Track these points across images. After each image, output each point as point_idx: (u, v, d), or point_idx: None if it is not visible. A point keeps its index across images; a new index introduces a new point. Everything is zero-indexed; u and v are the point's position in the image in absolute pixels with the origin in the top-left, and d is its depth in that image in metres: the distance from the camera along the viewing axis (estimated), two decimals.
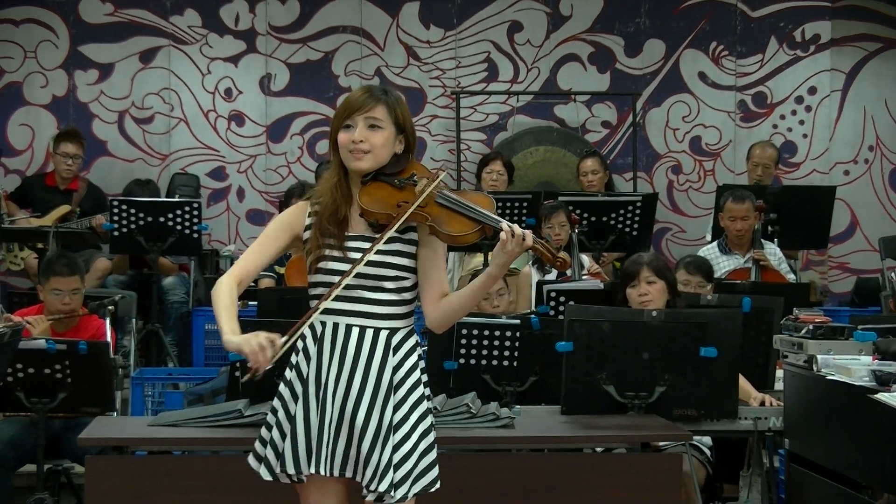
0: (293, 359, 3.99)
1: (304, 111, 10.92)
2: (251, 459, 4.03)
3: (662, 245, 10.97)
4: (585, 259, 8.47)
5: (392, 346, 3.93)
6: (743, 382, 5.85)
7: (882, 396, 4.62)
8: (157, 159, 10.79)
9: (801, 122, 11.18)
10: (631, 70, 11.09)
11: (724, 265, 8.50)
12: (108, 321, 7.12)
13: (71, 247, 9.13)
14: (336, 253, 3.93)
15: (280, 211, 8.88)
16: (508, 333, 6.01)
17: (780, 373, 6.01)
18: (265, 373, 3.78)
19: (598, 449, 5.56)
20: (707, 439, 6.35)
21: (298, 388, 3.95)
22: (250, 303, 8.32)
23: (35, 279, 7.77)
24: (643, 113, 11.06)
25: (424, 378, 3.99)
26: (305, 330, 3.94)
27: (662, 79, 11.10)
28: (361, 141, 3.90)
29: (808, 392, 5.38)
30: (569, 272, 8.01)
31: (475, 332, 5.97)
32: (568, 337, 5.60)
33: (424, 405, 3.95)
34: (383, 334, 3.93)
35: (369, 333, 3.92)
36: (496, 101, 11.00)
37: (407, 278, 3.96)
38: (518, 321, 6.08)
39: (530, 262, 8.22)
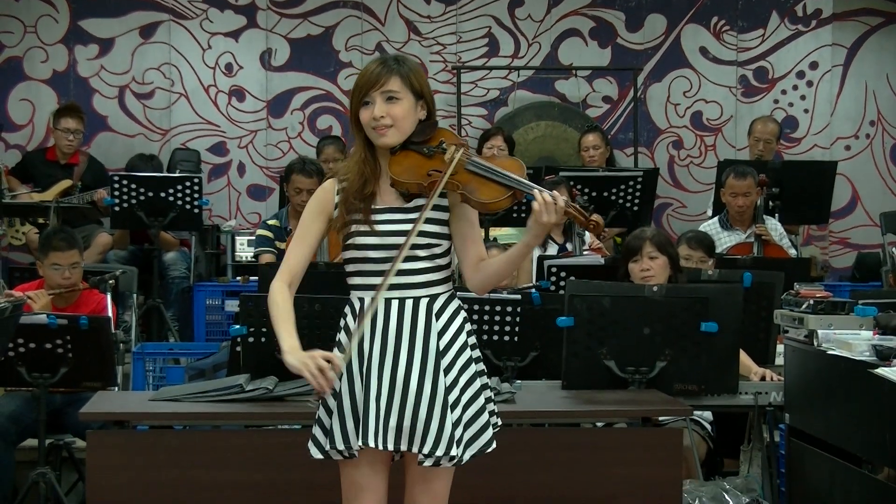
0: (337, 337, 4.00)
1: (304, 86, 10.91)
2: (309, 445, 4.00)
3: (663, 220, 10.97)
4: (586, 234, 8.46)
5: (434, 312, 3.93)
6: (743, 357, 5.86)
7: (882, 371, 4.62)
8: (157, 134, 10.79)
9: (803, 98, 11.16)
10: (632, 45, 11.07)
11: (725, 240, 8.50)
12: (109, 296, 7.12)
13: (72, 221, 9.12)
14: (363, 227, 3.92)
15: (281, 186, 8.91)
16: (509, 308, 6.01)
17: (780, 348, 6.02)
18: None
19: (599, 424, 5.57)
20: (707, 414, 6.36)
21: (342, 365, 3.94)
22: (251, 278, 8.33)
23: (36, 254, 7.76)
24: (644, 88, 11.04)
25: (472, 340, 4.00)
26: (346, 308, 3.97)
27: (663, 54, 11.08)
28: (382, 116, 3.89)
29: (808, 367, 5.38)
30: (569, 247, 8.01)
31: (476, 307, 5.96)
32: (569, 312, 5.61)
33: (473, 367, 3.96)
34: (423, 302, 3.93)
35: (409, 303, 3.91)
36: (497, 77, 10.99)
37: (439, 245, 3.96)
38: (519, 296, 6.07)
39: None
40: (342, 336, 3.98)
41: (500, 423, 4.06)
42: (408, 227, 3.90)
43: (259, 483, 4.93)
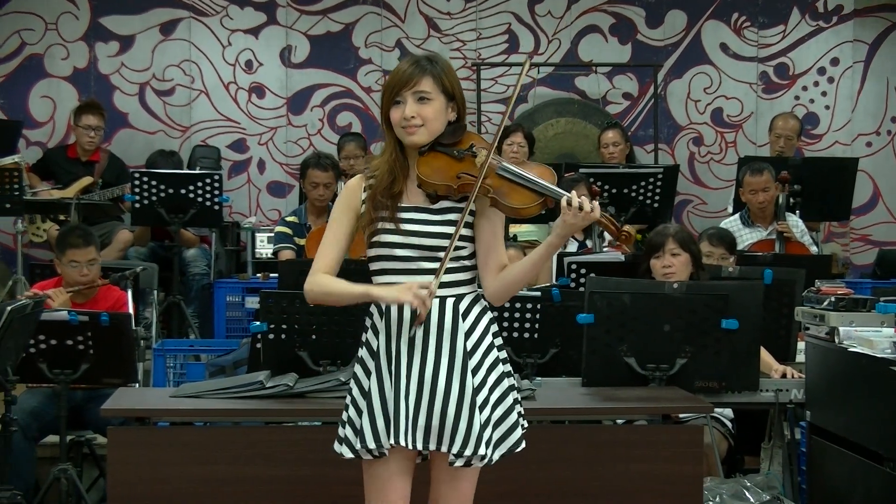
0: (363, 336, 4.00)
1: (324, 83, 10.91)
2: (335, 445, 4.01)
3: (683, 217, 10.94)
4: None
5: (461, 313, 3.93)
6: (764, 354, 5.84)
7: None
8: (177, 131, 10.80)
9: (824, 94, 11.13)
10: (652, 41, 11.05)
11: (746, 238, 8.48)
12: (129, 293, 7.14)
13: (93, 218, 9.15)
14: (389, 225, 3.92)
15: (300, 183, 8.92)
16: (529, 305, 6.01)
17: (801, 345, 6.00)
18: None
19: (619, 421, 5.56)
20: (728, 411, 6.35)
21: (371, 364, 3.95)
22: (271, 275, 8.34)
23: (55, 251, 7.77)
24: (664, 84, 11.02)
25: (498, 341, 3.99)
26: (372, 307, 3.97)
27: (684, 50, 11.05)
28: (413, 116, 3.89)
29: (829, 364, 5.37)
30: (589, 244, 7.99)
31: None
32: (589, 309, 5.60)
33: (501, 367, 3.96)
34: (450, 302, 3.93)
35: (435, 303, 3.90)
36: (517, 73, 10.97)
37: (465, 247, 3.96)
38: (539, 293, 6.07)
39: None
40: (369, 336, 3.98)
41: (526, 424, 4.05)
42: (434, 228, 3.90)
43: (279, 479, 4.94)
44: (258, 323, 5.58)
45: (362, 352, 3.98)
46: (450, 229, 3.90)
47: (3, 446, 5.91)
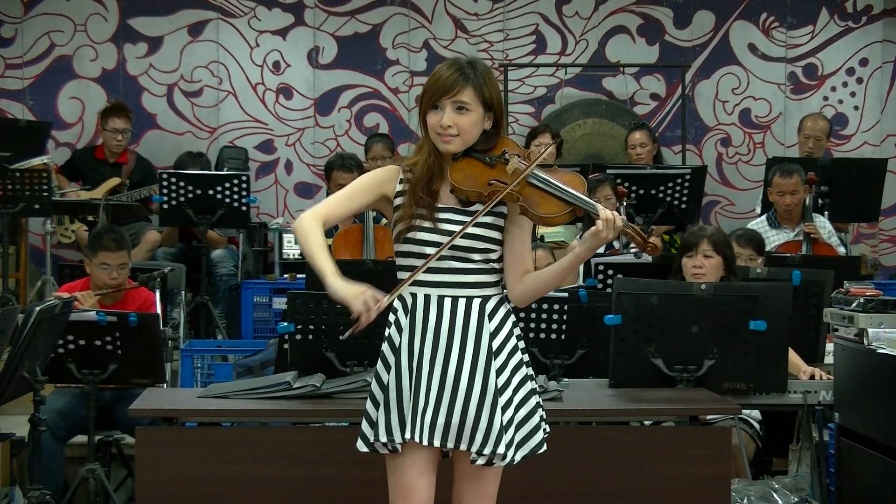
0: (386, 331, 4.00)
1: (351, 84, 10.92)
2: (359, 443, 4.01)
3: (711, 218, 10.91)
4: None
5: (486, 313, 3.94)
6: (792, 356, 5.81)
7: None
8: (205, 132, 10.83)
9: (853, 94, 11.08)
10: (680, 42, 11.02)
11: (773, 239, 8.45)
12: (157, 293, 7.16)
13: (121, 219, 9.19)
14: (427, 224, 3.92)
15: (327, 183, 8.93)
16: (556, 307, 6.00)
17: (830, 346, 5.98)
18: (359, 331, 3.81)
19: (647, 422, 5.54)
20: (756, 413, 6.33)
21: (391, 359, 3.95)
22: (298, 275, 8.35)
23: (85, 252, 7.81)
24: (692, 85, 10.99)
25: (522, 344, 4.01)
26: (396, 303, 3.96)
27: (712, 50, 11.02)
28: (450, 126, 3.90)
29: (858, 366, 5.34)
30: (616, 245, 7.98)
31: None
32: (616, 310, 5.59)
33: (524, 370, 3.98)
34: (476, 302, 3.94)
35: (462, 302, 3.92)
36: (544, 74, 10.97)
37: (494, 251, 3.97)
38: (566, 294, 6.06)
39: (579, 237, 8.20)
40: (392, 331, 3.98)
41: (548, 428, 4.06)
42: (469, 229, 3.90)
43: (306, 479, 4.94)
44: (285, 324, 5.60)
45: (384, 346, 3.98)
46: (483, 231, 3.92)
47: (32, 446, 5.93)
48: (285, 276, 8.92)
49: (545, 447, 4.00)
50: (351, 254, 8.04)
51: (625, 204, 8.22)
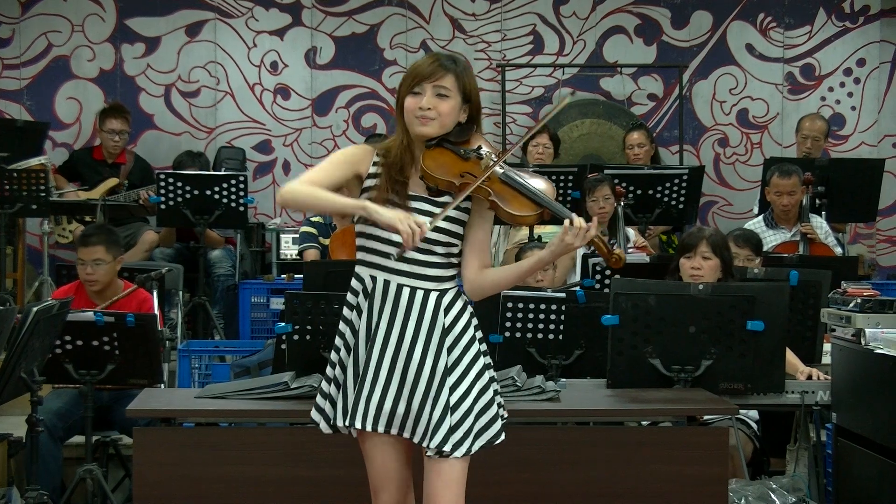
0: (345, 312, 4.05)
1: (349, 84, 10.92)
2: (313, 413, 4.09)
3: (709, 218, 10.92)
4: (631, 232, 8.44)
5: (442, 307, 3.99)
6: (790, 356, 5.82)
7: None
8: (203, 132, 10.83)
9: (850, 95, 11.09)
10: (677, 42, 11.02)
11: (770, 239, 8.45)
12: (155, 294, 7.15)
13: (119, 219, 9.19)
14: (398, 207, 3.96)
15: None
16: (554, 307, 6.00)
17: (827, 346, 5.98)
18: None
19: (644, 422, 5.55)
20: (753, 413, 6.33)
21: (350, 340, 4.01)
22: (296, 275, 8.35)
23: None
24: (689, 85, 11.00)
25: (479, 335, 4.05)
26: (355, 283, 4.02)
27: (709, 51, 11.03)
28: (429, 108, 3.97)
29: (855, 366, 5.35)
30: (614, 245, 7.98)
31: (520, 305, 5.96)
32: (613, 310, 5.59)
33: (481, 361, 4.01)
34: (433, 296, 3.99)
35: (419, 294, 3.97)
36: (542, 74, 10.97)
37: (456, 245, 4.04)
38: (563, 294, 6.07)
39: None
40: (353, 314, 4.02)
41: (506, 415, 4.10)
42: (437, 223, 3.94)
43: (303, 479, 4.95)
44: (283, 324, 5.59)
45: (343, 327, 4.04)
46: (448, 225, 3.98)
47: (29, 447, 5.93)
48: (283, 276, 8.92)
49: (503, 436, 4.03)
50: (348, 254, 8.01)
51: (622, 204, 8.22)
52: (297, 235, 8.90)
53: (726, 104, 11.06)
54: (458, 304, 4.03)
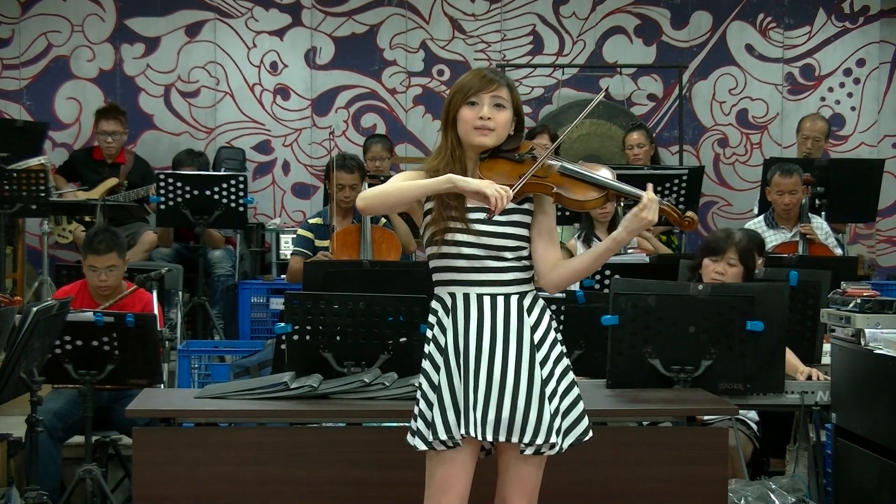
0: (428, 333, 4.13)
1: (349, 84, 10.93)
2: (408, 438, 4.13)
3: (708, 218, 10.92)
4: None
5: (525, 308, 4.08)
6: (790, 356, 5.82)
7: None
8: (202, 133, 10.83)
9: (850, 95, 11.09)
10: (677, 42, 11.03)
11: (770, 239, 8.45)
12: (154, 294, 7.15)
13: (118, 219, 9.18)
14: (459, 224, 4.05)
15: (325, 184, 8.92)
16: (553, 307, 5.96)
17: (827, 347, 5.98)
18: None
19: (644, 422, 5.55)
20: (753, 413, 6.33)
21: (439, 359, 4.07)
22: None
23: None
24: (689, 86, 11.00)
25: (560, 336, 4.15)
26: (435, 304, 4.11)
27: (709, 51, 11.03)
28: (489, 118, 4.05)
29: (855, 366, 5.34)
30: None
31: None
32: (613, 310, 5.59)
33: (565, 361, 4.12)
34: (514, 299, 4.08)
35: (500, 300, 4.06)
36: (542, 74, 10.97)
37: (525, 247, 4.12)
38: (563, 294, 6.07)
39: (576, 236, 8.21)
40: (436, 332, 4.10)
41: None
42: (500, 228, 4.05)
43: (303, 480, 4.94)
44: (283, 324, 5.59)
45: (429, 348, 4.10)
46: (513, 230, 4.06)
47: (29, 447, 5.93)
48: (282, 276, 8.91)
49: (591, 434, 4.16)
50: (348, 254, 8.03)
51: (622, 204, 8.19)
52: (295, 237, 8.90)
53: (726, 104, 11.06)
54: (539, 306, 4.13)
